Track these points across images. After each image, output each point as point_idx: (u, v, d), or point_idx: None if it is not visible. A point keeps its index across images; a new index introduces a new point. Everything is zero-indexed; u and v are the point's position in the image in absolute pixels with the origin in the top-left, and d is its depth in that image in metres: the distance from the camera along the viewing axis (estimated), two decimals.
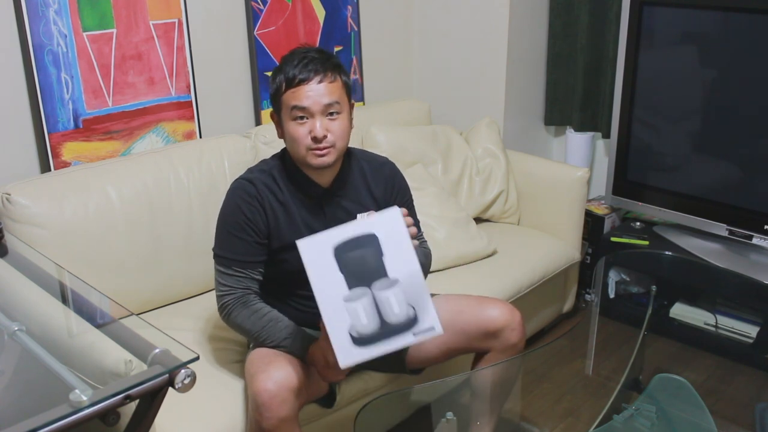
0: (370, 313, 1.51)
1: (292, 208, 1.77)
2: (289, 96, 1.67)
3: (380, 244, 1.51)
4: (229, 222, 1.75)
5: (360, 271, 1.51)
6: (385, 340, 1.52)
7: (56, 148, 2.16)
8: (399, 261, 1.52)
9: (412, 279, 1.52)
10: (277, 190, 1.76)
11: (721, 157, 2.71)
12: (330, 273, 1.50)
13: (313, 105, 1.66)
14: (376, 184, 1.86)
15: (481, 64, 3.06)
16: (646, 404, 2.08)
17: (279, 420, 1.59)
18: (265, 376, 1.60)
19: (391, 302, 1.52)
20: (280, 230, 1.76)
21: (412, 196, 1.96)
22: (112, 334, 1.42)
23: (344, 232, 1.51)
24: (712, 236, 2.76)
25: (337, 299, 1.50)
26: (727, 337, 2.70)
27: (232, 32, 2.55)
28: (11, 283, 1.65)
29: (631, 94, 2.81)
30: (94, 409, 1.13)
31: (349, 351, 1.51)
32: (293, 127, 1.69)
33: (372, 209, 1.84)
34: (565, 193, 2.75)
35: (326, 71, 1.68)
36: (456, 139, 2.87)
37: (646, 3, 2.69)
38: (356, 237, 1.51)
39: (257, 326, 1.72)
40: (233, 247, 1.74)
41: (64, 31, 2.11)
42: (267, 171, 1.79)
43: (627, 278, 2.99)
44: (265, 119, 2.67)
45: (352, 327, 1.51)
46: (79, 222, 1.98)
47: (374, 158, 1.91)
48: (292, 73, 1.66)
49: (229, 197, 1.78)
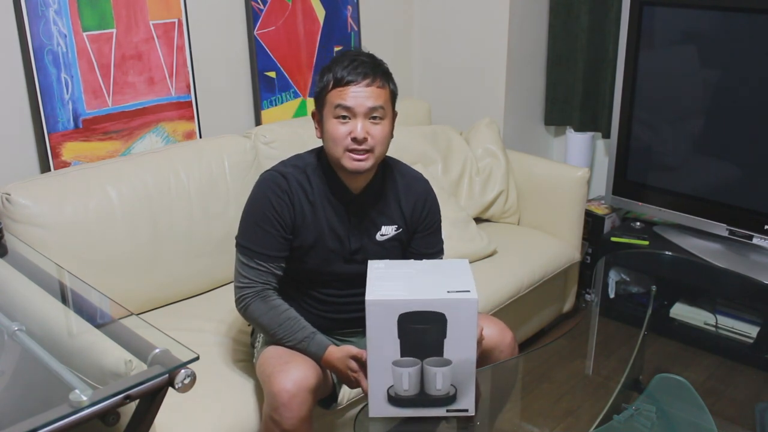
0: (414, 382, 1.52)
1: (320, 209, 1.75)
2: (335, 94, 1.65)
3: (446, 326, 1.47)
4: (257, 213, 1.73)
5: (417, 344, 1.49)
6: (418, 407, 1.54)
7: (56, 148, 2.16)
8: (458, 346, 1.49)
9: (464, 365, 1.51)
10: (308, 188, 1.74)
11: (721, 157, 2.70)
12: (388, 335, 1.48)
13: (358, 106, 1.64)
14: (407, 199, 1.83)
15: (481, 64, 3.06)
16: (646, 404, 2.07)
17: (300, 420, 1.58)
18: (284, 376, 1.59)
19: (437, 379, 1.52)
20: (305, 229, 1.74)
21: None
22: (112, 334, 1.41)
23: (415, 303, 1.46)
24: (712, 236, 2.76)
25: (386, 359, 1.50)
26: (727, 337, 2.70)
27: (232, 32, 2.55)
28: (11, 283, 1.65)
29: (631, 94, 2.81)
30: (94, 409, 1.13)
31: (382, 406, 1.53)
32: (334, 126, 1.66)
33: (399, 224, 1.82)
34: (565, 193, 2.75)
35: (376, 76, 1.67)
36: (456, 139, 2.87)
37: (646, 3, 2.69)
38: (425, 311, 1.47)
39: (275, 323, 1.70)
40: (258, 240, 1.72)
41: (64, 31, 2.11)
42: (301, 167, 1.76)
43: (627, 278, 2.99)
44: (265, 119, 2.67)
45: (392, 387, 1.52)
46: (79, 222, 1.98)
47: (409, 172, 1.88)
48: (341, 74, 1.64)
49: (258, 187, 1.75)
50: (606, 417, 2.06)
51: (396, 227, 1.82)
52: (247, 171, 2.32)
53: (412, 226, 1.84)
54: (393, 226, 1.82)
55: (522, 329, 2.68)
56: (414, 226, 1.85)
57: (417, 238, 1.85)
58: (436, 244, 1.89)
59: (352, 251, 1.78)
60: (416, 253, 1.86)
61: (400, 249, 1.86)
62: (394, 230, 1.82)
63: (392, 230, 1.82)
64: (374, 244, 1.80)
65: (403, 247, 1.86)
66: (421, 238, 1.86)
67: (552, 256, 2.67)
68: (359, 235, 1.79)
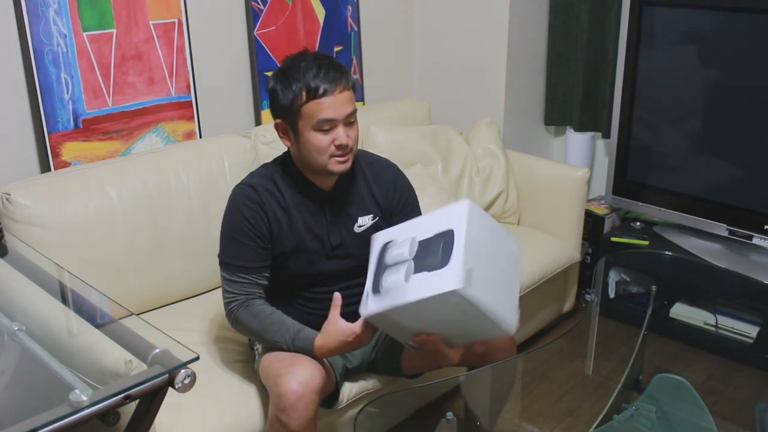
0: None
1: (294, 213, 1.76)
2: (314, 107, 1.63)
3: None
4: (232, 228, 1.75)
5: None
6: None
7: (56, 148, 2.16)
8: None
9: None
10: (278, 195, 1.76)
11: (721, 157, 2.70)
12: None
13: (339, 115, 1.65)
14: (378, 186, 1.85)
15: (481, 64, 3.06)
16: (646, 404, 2.08)
17: (307, 421, 1.59)
18: (290, 377, 1.60)
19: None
20: (283, 235, 1.76)
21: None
22: (112, 334, 1.42)
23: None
24: (712, 236, 2.76)
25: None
26: (727, 337, 2.70)
27: (232, 32, 2.55)
28: (11, 283, 1.65)
29: (631, 94, 2.81)
30: (94, 409, 1.13)
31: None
32: (316, 138, 1.66)
33: (374, 212, 1.84)
34: (565, 193, 2.75)
35: (342, 77, 1.66)
36: (456, 139, 2.87)
37: (646, 3, 2.69)
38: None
39: (262, 327, 1.71)
40: (237, 253, 1.74)
41: (64, 31, 2.11)
42: (269, 176, 1.78)
43: (627, 278, 2.99)
44: (265, 119, 2.67)
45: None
46: (79, 222, 1.98)
47: (376, 160, 1.90)
48: (315, 83, 1.62)
49: (231, 203, 1.77)
50: (606, 417, 2.07)
51: (372, 216, 1.84)
52: (247, 171, 2.28)
53: (387, 212, 1.86)
54: (368, 216, 1.83)
55: (522, 329, 2.67)
56: (390, 211, 1.87)
57: (398, 220, 1.84)
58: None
59: (333, 247, 1.80)
60: None
61: None
62: (371, 219, 1.84)
63: (369, 220, 1.83)
64: (353, 237, 1.82)
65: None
66: (403, 219, 1.83)
67: (552, 256, 2.67)
68: (337, 230, 1.80)
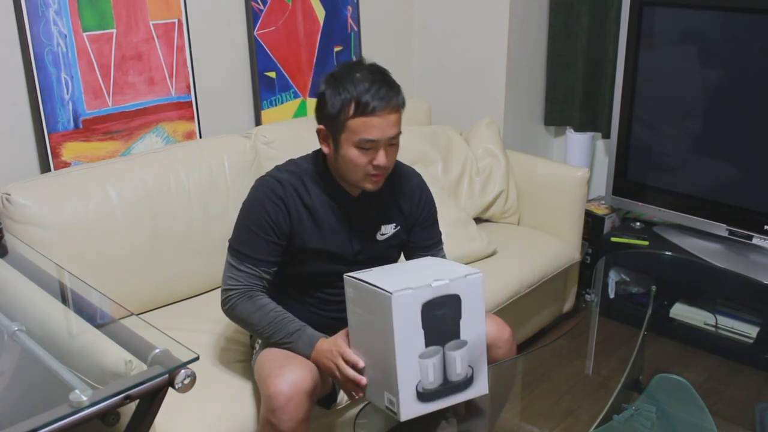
0: (438, 371, 1.55)
1: (320, 212, 1.75)
2: (359, 124, 1.61)
3: (461, 305, 1.54)
4: (251, 218, 1.73)
5: (438, 330, 1.53)
6: (443, 398, 1.57)
7: (56, 148, 2.16)
8: (471, 324, 1.56)
9: (477, 342, 1.58)
10: (304, 193, 1.75)
11: (721, 157, 2.70)
12: (414, 328, 1.51)
13: (382, 137, 1.64)
14: (402, 196, 1.85)
15: (481, 64, 3.06)
16: (646, 404, 2.08)
17: (296, 422, 1.59)
18: (280, 379, 1.59)
19: (456, 363, 1.56)
20: (305, 233, 1.75)
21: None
22: (112, 334, 1.42)
23: (434, 290, 1.51)
24: (712, 236, 2.76)
25: (413, 354, 1.52)
26: (727, 337, 2.70)
27: (232, 32, 2.55)
28: (11, 283, 1.65)
29: (631, 94, 2.81)
30: (94, 410, 1.13)
31: (412, 406, 1.54)
32: (355, 154, 1.65)
33: (397, 222, 1.85)
34: (565, 193, 2.75)
35: (395, 98, 1.64)
36: (456, 139, 2.87)
37: (646, 3, 2.69)
38: (442, 296, 1.52)
39: (263, 321, 1.70)
40: (250, 244, 1.72)
41: (64, 31, 2.11)
42: (297, 173, 1.76)
43: (627, 278, 2.99)
44: (265, 119, 2.67)
45: (419, 383, 1.54)
46: (79, 222, 1.98)
47: (401, 168, 1.89)
48: (365, 99, 1.60)
49: (254, 193, 1.76)
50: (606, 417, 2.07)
51: (395, 225, 1.85)
52: (247, 171, 2.32)
53: (410, 222, 1.87)
54: (392, 225, 1.84)
55: (522, 329, 2.68)
56: (412, 221, 1.88)
57: (416, 232, 1.89)
58: (434, 235, 1.93)
59: (355, 253, 1.80)
60: (416, 247, 1.90)
61: (399, 246, 1.89)
62: (393, 228, 1.85)
63: (391, 228, 1.84)
64: (375, 244, 1.83)
65: (401, 243, 1.89)
66: (420, 231, 1.89)
67: (552, 256, 2.67)
68: (360, 236, 1.81)
